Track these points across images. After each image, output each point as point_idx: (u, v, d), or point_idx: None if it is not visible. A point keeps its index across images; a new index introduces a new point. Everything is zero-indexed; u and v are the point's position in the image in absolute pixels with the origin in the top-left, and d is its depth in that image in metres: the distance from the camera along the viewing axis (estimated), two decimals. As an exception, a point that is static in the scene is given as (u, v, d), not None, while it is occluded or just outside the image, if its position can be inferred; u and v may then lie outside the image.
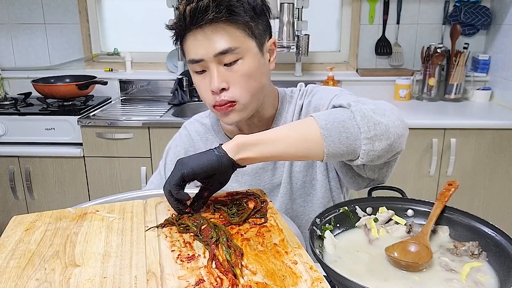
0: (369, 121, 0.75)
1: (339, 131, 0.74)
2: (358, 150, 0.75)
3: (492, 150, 2.19)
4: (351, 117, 0.75)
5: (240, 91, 0.93)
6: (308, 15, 2.61)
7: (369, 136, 0.74)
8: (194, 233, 0.74)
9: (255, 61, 0.94)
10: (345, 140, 0.74)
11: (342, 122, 0.75)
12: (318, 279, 0.60)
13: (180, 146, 1.15)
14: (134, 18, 2.83)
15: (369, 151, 0.75)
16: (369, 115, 0.75)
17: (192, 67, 0.95)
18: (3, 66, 2.81)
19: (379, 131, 0.75)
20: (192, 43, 0.92)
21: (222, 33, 0.89)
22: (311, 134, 0.75)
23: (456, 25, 2.51)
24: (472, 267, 0.69)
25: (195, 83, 0.98)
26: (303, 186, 1.08)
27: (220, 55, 0.90)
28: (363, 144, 0.74)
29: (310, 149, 0.76)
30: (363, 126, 0.74)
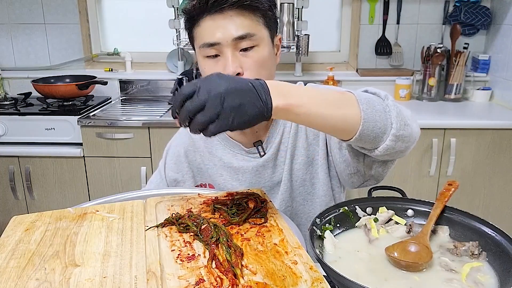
0: (402, 120, 0.76)
1: (375, 119, 0.73)
2: (381, 144, 0.76)
3: (492, 150, 2.19)
4: (387, 110, 0.76)
5: (253, 77, 0.92)
6: (308, 15, 2.61)
7: (397, 134, 0.75)
8: (194, 233, 0.74)
9: (268, 50, 0.95)
10: (378, 130, 0.74)
11: (379, 112, 0.74)
12: (318, 279, 0.60)
13: (180, 145, 1.15)
14: (134, 18, 2.83)
15: (388, 148, 0.76)
16: (403, 114, 0.77)
17: (205, 51, 0.94)
18: (3, 66, 2.81)
19: (406, 133, 0.76)
20: (210, 25, 0.91)
21: (243, 18, 0.90)
22: (352, 115, 0.72)
23: (456, 25, 2.51)
24: (472, 267, 0.69)
25: (204, 68, 0.96)
26: (303, 184, 1.08)
27: (238, 40, 0.90)
28: (388, 139, 0.75)
29: (345, 129, 0.73)
30: (396, 122, 0.75)
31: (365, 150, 0.81)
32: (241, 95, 0.63)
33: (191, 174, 1.14)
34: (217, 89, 0.63)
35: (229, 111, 0.63)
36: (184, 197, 0.89)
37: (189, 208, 0.84)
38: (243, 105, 0.63)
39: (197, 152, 1.14)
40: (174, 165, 1.15)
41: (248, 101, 0.64)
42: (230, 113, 0.63)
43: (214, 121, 0.63)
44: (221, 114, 0.63)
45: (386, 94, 0.79)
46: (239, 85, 0.64)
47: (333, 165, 1.07)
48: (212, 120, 0.63)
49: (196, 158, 1.14)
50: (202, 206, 0.85)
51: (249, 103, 0.64)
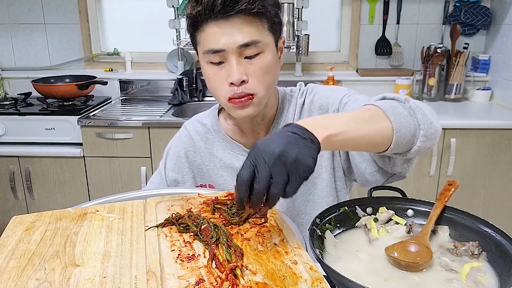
0: (427, 119, 0.78)
1: (405, 126, 0.76)
2: (413, 146, 0.79)
3: (492, 150, 2.19)
4: (411, 113, 0.78)
5: (258, 84, 0.93)
6: (308, 15, 2.61)
7: (426, 134, 0.78)
8: (194, 233, 0.74)
9: (273, 56, 0.95)
10: (409, 136, 0.77)
11: (406, 117, 0.77)
12: (318, 279, 0.60)
13: (180, 146, 1.15)
14: (134, 18, 2.83)
15: (420, 148, 0.79)
16: (425, 114, 0.79)
17: (209, 57, 0.92)
18: (3, 66, 2.81)
19: (433, 130, 0.79)
20: (215, 32, 0.90)
21: (249, 25, 0.89)
22: (385, 129, 0.75)
23: (456, 25, 2.51)
24: (472, 267, 0.68)
25: (208, 74, 0.95)
26: (305, 184, 1.07)
27: (243, 47, 0.89)
28: (419, 141, 0.78)
29: (380, 143, 0.76)
30: (423, 123, 0.77)
31: (397, 155, 0.83)
32: (292, 146, 0.62)
33: (192, 174, 1.14)
34: (271, 156, 0.61)
35: (295, 165, 0.61)
36: (184, 197, 0.89)
37: (189, 208, 0.84)
38: (300, 153, 0.62)
39: (198, 152, 1.14)
40: (175, 166, 1.15)
41: (301, 147, 0.63)
42: (296, 166, 0.61)
43: (287, 183, 0.62)
44: (290, 172, 0.61)
45: (406, 97, 0.81)
46: (285, 139, 0.63)
47: (339, 166, 1.07)
48: (285, 184, 0.62)
49: (196, 158, 1.14)
50: (202, 206, 0.85)
51: (303, 148, 0.63)
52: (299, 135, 0.64)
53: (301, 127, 0.66)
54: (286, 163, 0.61)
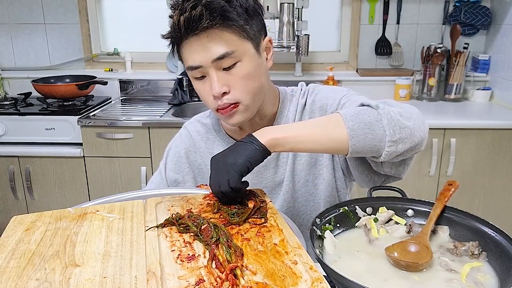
0: (396, 124, 0.79)
1: (365, 132, 0.78)
2: (381, 151, 0.80)
3: (492, 150, 2.19)
4: (378, 119, 0.79)
5: (241, 93, 0.93)
6: (308, 15, 2.61)
7: (393, 139, 0.78)
8: (194, 233, 0.74)
9: (253, 62, 0.94)
10: (370, 141, 0.78)
11: (368, 124, 0.79)
12: (318, 279, 0.60)
13: (181, 146, 1.15)
14: (134, 18, 2.83)
15: (391, 152, 0.79)
16: (396, 118, 0.79)
17: (191, 73, 0.95)
18: (3, 66, 2.81)
19: (404, 134, 0.79)
20: (189, 50, 0.92)
21: (218, 39, 0.89)
22: (338, 134, 0.80)
23: (456, 25, 2.51)
24: (472, 267, 0.69)
25: (196, 88, 0.98)
26: (306, 185, 1.08)
27: (218, 60, 0.90)
28: (386, 146, 0.79)
29: (337, 147, 0.81)
30: (389, 129, 0.78)
31: (372, 158, 0.85)
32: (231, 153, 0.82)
33: (192, 174, 1.14)
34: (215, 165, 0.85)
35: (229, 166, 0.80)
36: (184, 197, 0.89)
37: (189, 208, 0.84)
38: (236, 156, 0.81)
39: (198, 152, 1.14)
40: (175, 166, 1.15)
41: (239, 152, 0.81)
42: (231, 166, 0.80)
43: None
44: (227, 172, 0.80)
45: (377, 103, 0.83)
46: (228, 152, 0.83)
47: (339, 166, 1.07)
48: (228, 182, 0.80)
49: (197, 158, 1.14)
50: (202, 206, 0.85)
51: (241, 152, 0.81)
52: (242, 141, 0.82)
53: (250, 135, 0.82)
54: (224, 165, 0.80)
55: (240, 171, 0.79)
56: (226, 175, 0.79)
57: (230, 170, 0.79)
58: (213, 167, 0.83)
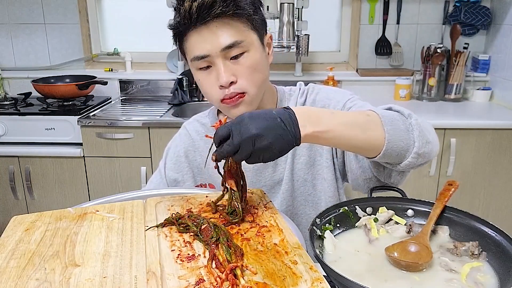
0: (423, 138, 0.80)
1: (399, 139, 0.78)
2: (404, 160, 0.81)
3: (492, 150, 2.19)
4: (410, 129, 0.80)
5: (248, 82, 0.94)
6: (308, 15, 2.61)
7: (419, 152, 0.79)
8: (194, 233, 0.74)
9: (259, 53, 0.95)
10: (400, 149, 0.79)
11: (402, 132, 0.79)
12: (318, 279, 0.60)
13: (180, 145, 1.15)
14: (134, 18, 2.83)
15: (410, 164, 0.81)
16: (424, 133, 0.80)
17: (196, 64, 0.95)
18: (3, 66, 2.81)
19: (427, 150, 0.80)
20: (197, 39, 0.92)
21: (228, 27, 0.90)
22: (375, 137, 0.77)
23: (456, 25, 2.51)
24: (472, 267, 0.69)
25: (198, 80, 0.98)
26: (304, 184, 1.08)
27: (226, 49, 0.90)
28: (410, 157, 0.80)
29: (369, 150, 0.79)
30: (418, 141, 0.79)
31: (387, 165, 0.85)
32: (270, 135, 0.69)
33: (191, 174, 1.14)
34: (247, 132, 0.69)
35: (260, 152, 0.70)
36: (184, 197, 0.89)
37: (189, 208, 0.84)
38: (272, 144, 0.69)
39: (197, 152, 1.14)
40: (174, 165, 1.15)
41: (276, 139, 0.69)
42: (261, 152, 0.70)
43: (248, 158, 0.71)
44: (252, 153, 0.70)
45: (409, 112, 0.82)
46: (268, 124, 0.69)
47: (337, 167, 1.07)
48: (246, 158, 0.71)
49: (196, 158, 1.14)
50: (202, 206, 0.85)
51: (279, 139, 0.69)
52: (285, 126, 0.70)
53: (292, 117, 0.71)
54: (254, 146, 0.69)
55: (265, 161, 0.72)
56: (257, 157, 0.71)
57: (261, 157, 0.71)
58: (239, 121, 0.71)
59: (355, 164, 0.97)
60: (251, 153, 0.70)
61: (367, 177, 0.95)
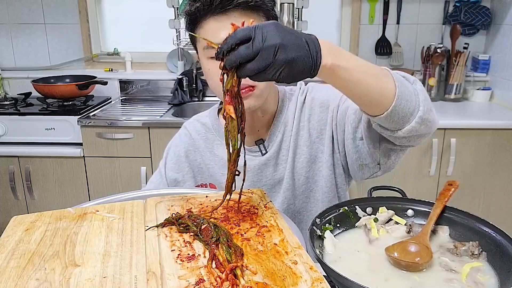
0: (428, 104, 0.79)
1: (407, 98, 0.76)
2: (407, 124, 0.78)
3: (492, 150, 2.19)
4: (416, 92, 0.79)
5: None
6: (308, 15, 2.61)
7: (423, 117, 0.78)
8: (194, 233, 0.74)
9: None
10: (407, 109, 0.76)
11: (409, 93, 0.77)
12: (318, 279, 0.60)
13: (180, 145, 1.15)
14: (134, 18, 2.83)
15: (412, 129, 0.78)
16: (428, 99, 0.79)
17: (208, 52, 0.94)
18: (3, 66, 2.81)
19: (430, 117, 0.79)
20: (214, 27, 0.91)
21: (246, 19, 0.90)
22: (387, 90, 0.74)
23: (456, 25, 2.51)
24: (472, 267, 0.69)
25: (208, 70, 0.96)
26: (306, 182, 1.08)
27: None
28: (414, 121, 0.78)
29: (379, 103, 0.75)
30: (423, 106, 0.78)
31: (387, 132, 0.81)
32: (294, 49, 0.63)
33: (192, 174, 1.14)
34: (272, 40, 0.62)
35: (280, 65, 0.63)
36: (184, 197, 0.89)
37: (189, 208, 0.84)
38: (295, 60, 0.63)
39: (198, 151, 1.14)
40: (175, 165, 1.15)
41: (299, 56, 0.63)
42: (281, 66, 0.63)
43: (262, 71, 0.63)
44: (271, 65, 0.62)
45: (415, 79, 0.82)
46: (294, 39, 0.64)
47: (339, 163, 1.07)
48: (261, 69, 0.63)
49: (196, 158, 1.14)
50: (202, 206, 0.85)
51: (300, 58, 0.64)
52: (308, 48, 0.65)
53: (316, 44, 0.66)
54: (276, 57, 0.62)
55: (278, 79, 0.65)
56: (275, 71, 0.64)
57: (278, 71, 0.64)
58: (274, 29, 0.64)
59: (352, 148, 0.98)
60: (269, 64, 0.62)
61: (363, 163, 0.96)
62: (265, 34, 0.62)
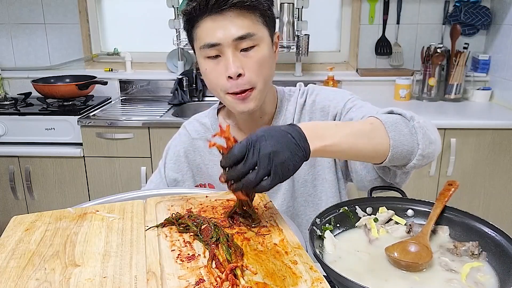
0: (427, 139, 0.80)
1: (403, 143, 0.78)
2: (408, 163, 0.81)
3: (492, 150, 2.19)
4: (413, 132, 0.80)
5: (256, 77, 0.94)
6: (308, 15, 2.61)
7: (423, 154, 0.80)
8: (194, 233, 0.74)
9: (268, 49, 0.96)
10: (405, 153, 0.79)
11: (406, 136, 0.79)
12: (318, 279, 0.60)
13: (180, 145, 1.15)
14: (134, 18, 2.83)
15: (415, 166, 0.81)
16: (427, 133, 0.80)
17: (205, 52, 0.94)
18: (3, 66, 2.81)
19: (431, 150, 0.81)
20: (210, 26, 0.91)
21: (242, 19, 0.90)
22: (381, 145, 0.78)
23: (456, 25, 2.51)
24: (472, 267, 0.68)
25: (206, 69, 0.97)
26: (305, 185, 1.08)
27: (238, 40, 0.90)
28: (415, 159, 0.80)
29: (375, 157, 0.79)
30: (422, 143, 0.79)
31: (393, 167, 0.85)
32: (285, 150, 0.68)
33: (191, 174, 1.14)
34: (265, 150, 0.67)
35: (279, 168, 0.67)
36: (184, 197, 0.89)
37: (189, 208, 0.84)
38: (288, 159, 0.67)
39: (197, 152, 1.14)
40: (174, 165, 1.15)
41: (291, 154, 0.68)
42: (279, 169, 0.67)
43: (265, 178, 0.68)
44: (272, 171, 0.67)
45: (412, 115, 0.82)
46: (282, 139, 0.68)
47: (339, 167, 1.07)
48: (263, 177, 0.67)
49: (196, 158, 1.14)
50: (202, 205, 0.85)
51: (292, 155, 0.68)
52: (296, 142, 0.69)
53: (301, 134, 0.70)
54: (273, 162, 0.66)
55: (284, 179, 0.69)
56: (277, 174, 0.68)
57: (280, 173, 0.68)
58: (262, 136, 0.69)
59: (360, 165, 0.97)
60: (269, 171, 0.67)
61: (373, 178, 0.95)
62: (257, 146, 0.67)
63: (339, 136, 0.74)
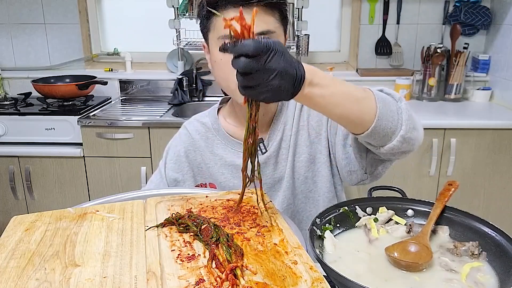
0: (411, 123, 0.80)
1: (388, 119, 0.77)
2: (389, 143, 0.80)
3: (492, 150, 2.19)
4: (399, 111, 0.79)
5: None
6: (308, 15, 2.61)
7: (405, 136, 0.79)
8: (194, 233, 0.74)
9: None
10: (388, 130, 0.78)
11: (392, 113, 0.78)
12: (318, 279, 0.60)
13: (180, 145, 1.15)
14: (134, 18, 2.83)
15: (394, 147, 0.80)
16: (412, 118, 0.80)
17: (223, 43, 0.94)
18: (3, 66, 2.81)
19: (413, 136, 0.80)
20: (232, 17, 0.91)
21: (264, 15, 0.92)
22: (368, 112, 0.76)
23: (456, 25, 2.51)
24: (472, 267, 0.69)
25: (220, 60, 0.96)
26: (305, 182, 1.08)
27: (259, 35, 0.91)
28: (396, 139, 0.79)
29: (359, 124, 0.77)
30: (405, 125, 0.79)
31: (371, 146, 0.84)
32: (286, 79, 0.65)
33: (192, 173, 1.15)
34: (274, 65, 0.63)
35: (268, 89, 0.64)
36: (184, 197, 0.89)
37: (189, 208, 0.84)
38: (281, 88, 0.65)
39: (198, 151, 1.14)
40: (174, 165, 1.15)
41: (287, 86, 0.65)
42: (268, 91, 0.65)
43: (251, 86, 0.65)
44: (259, 86, 0.64)
45: (400, 96, 0.83)
46: (290, 69, 0.65)
47: (334, 162, 1.08)
48: (249, 86, 0.65)
49: (196, 157, 1.14)
50: (202, 205, 0.85)
51: (286, 88, 0.65)
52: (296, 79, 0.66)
53: (303, 75, 0.67)
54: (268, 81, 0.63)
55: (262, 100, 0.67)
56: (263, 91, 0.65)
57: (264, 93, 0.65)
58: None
59: (342, 155, 0.99)
60: (258, 85, 0.64)
61: (351, 169, 0.97)
62: (269, 56, 0.63)
63: (332, 84, 0.73)
